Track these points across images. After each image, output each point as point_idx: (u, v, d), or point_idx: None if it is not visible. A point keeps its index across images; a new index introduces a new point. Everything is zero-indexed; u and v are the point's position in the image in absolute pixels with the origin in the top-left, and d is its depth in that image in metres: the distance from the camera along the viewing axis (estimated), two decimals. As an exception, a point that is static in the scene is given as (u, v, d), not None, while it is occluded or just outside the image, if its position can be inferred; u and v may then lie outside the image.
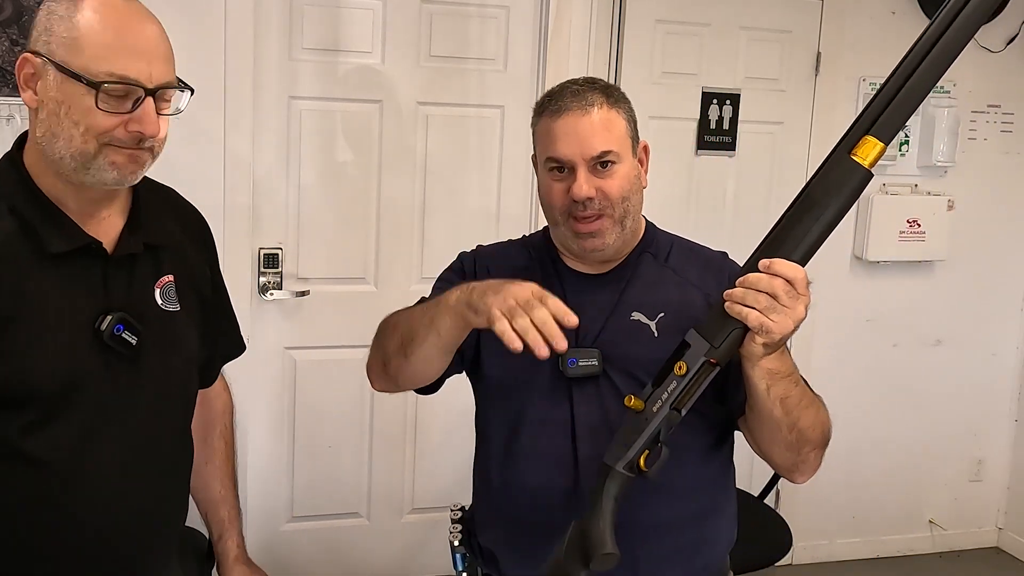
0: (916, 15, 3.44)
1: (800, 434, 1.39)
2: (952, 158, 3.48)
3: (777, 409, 1.36)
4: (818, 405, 1.42)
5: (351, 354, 3.11)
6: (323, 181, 3.01)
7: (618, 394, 1.46)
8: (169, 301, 1.40)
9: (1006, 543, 3.90)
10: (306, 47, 2.93)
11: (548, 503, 1.50)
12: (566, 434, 1.49)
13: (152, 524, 1.41)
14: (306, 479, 3.14)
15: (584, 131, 1.48)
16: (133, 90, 1.25)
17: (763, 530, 2.77)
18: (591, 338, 1.50)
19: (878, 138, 1.24)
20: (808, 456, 1.43)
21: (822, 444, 1.44)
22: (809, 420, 1.39)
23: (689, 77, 3.24)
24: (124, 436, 1.33)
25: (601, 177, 1.49)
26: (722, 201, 3.38)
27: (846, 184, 1.24)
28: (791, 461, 1.45)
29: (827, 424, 1.45)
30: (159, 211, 1.44)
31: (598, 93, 1.51)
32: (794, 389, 1.36)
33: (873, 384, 3.64)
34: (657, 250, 1.60)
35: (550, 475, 1.50)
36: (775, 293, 1.23)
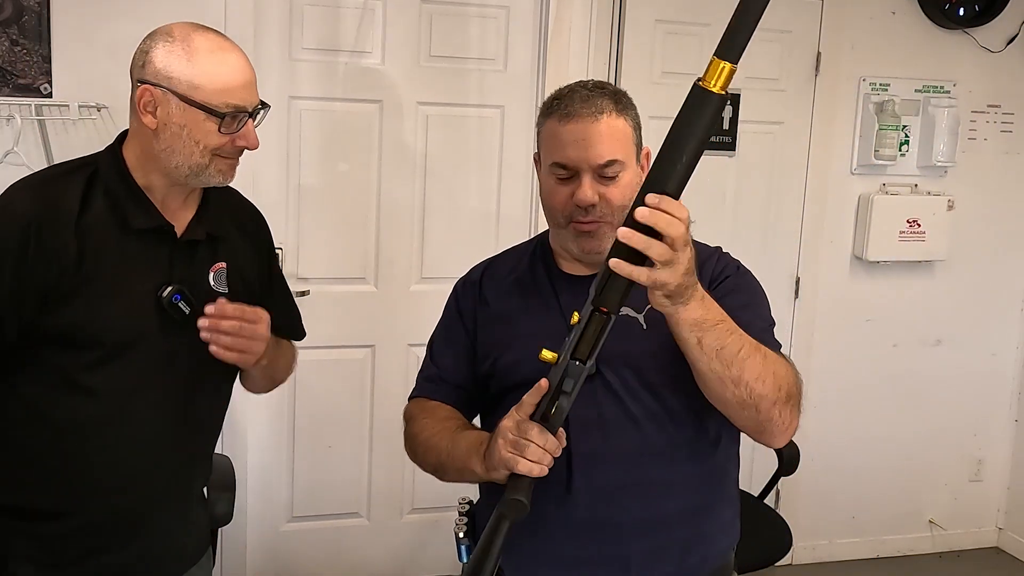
0: (916, 15, 3.44)
1: (748, 388, 1.33)
2: (952, 158, 3.48)
3: (715, 363, 1.31)
4: (765, 354, 1.35)
5: (351, 354, 3.13)
6: (323, 181, 3.01)
7: (613, 392, 1.48)
8: (220, 284, 1.64)
9: (1006, 543, 3.90)
10: (306, 47, 2.93)
11: (542, 498, 1.49)
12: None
13: (178, 469, 1.65)
14: (306, 479, 3.14)
15: (592, 138, 1.48)
16: (242, 114, 1.56)
17: (763, 530, 2.77)
18: None
19: (722, 59, 1.20)
20: (771, 414, 1.37)
21: (784, 399, 1.37)
22: (755, 371, 1.32)
23: (689, 77, 3.21)
24: (167, 387, 1.59)
25: (605, 184, 1.49)
26: (722, 201, 3.38)
27: (700, 112, 1.24)
28: (755, 421, 1.38)
29: (784, 375, 1.37)
30: (222, 208, 1.69)
31: (607, 99, 1.51)
32: (728, 338, 1.31)
33: (873, 384, 3.64)
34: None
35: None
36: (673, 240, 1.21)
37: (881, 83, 3.44)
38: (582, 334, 1.26)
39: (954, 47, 3.51)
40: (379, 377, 3.15)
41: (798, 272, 3.50)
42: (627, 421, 1.49)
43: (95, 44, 2.67)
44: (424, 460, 1.62)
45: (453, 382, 1.64)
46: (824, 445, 3.57)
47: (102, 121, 2.69)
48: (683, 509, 1.53)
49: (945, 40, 3.49)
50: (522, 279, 1.63)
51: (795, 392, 1.40)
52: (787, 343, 3.52)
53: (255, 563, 3.12)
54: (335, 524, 3.20)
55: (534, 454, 1.32)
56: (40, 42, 2.61)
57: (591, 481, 1.49)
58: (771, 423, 1.38)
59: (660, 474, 1.50)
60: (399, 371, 3.13)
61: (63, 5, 2.64)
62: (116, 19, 2.68)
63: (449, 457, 1.53)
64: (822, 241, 3.50)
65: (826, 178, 3.46)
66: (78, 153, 2.71)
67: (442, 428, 1.58)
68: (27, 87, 2.63)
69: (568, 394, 1.30)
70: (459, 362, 1.64)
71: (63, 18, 2.64)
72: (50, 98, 2.63)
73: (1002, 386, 3.82)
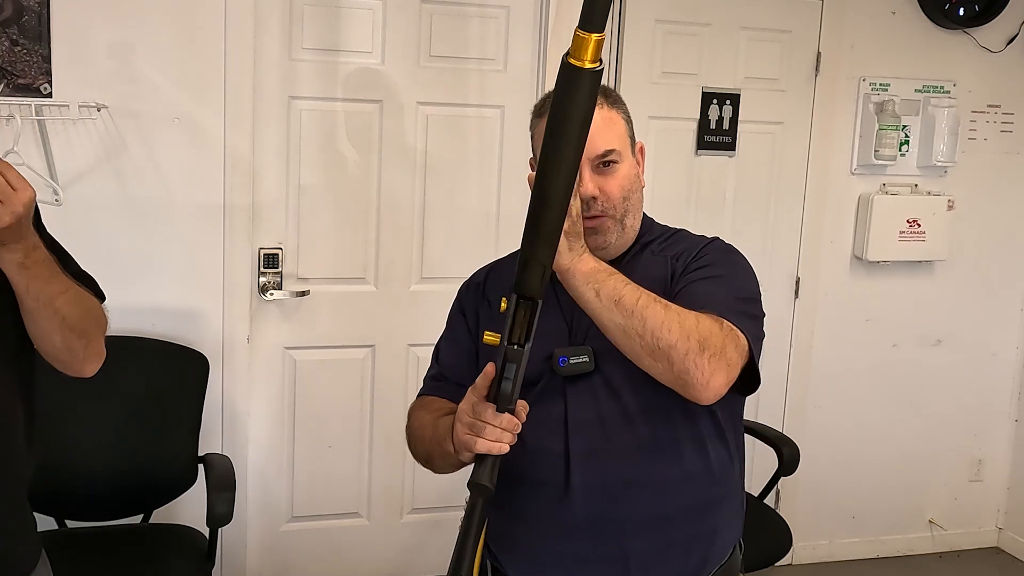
0: (916, 15, 3.44)
1: (654, 337, 1.32)
2: (952, 158, 3.48)
3: (615, 313, 1.33)
4: (667, 305, 1.36)
5: (351, 354, 3.13)
6: (323, 181, 3.01)
7: (611, 388, 1.48)
8: None
9: (1006, 543, 3.90)
10: (306, 47, 2.93)
11: (538, 496, 1.52)
12: (559, 431, 1.50)
13: None
14: (306, 479, 3.14)
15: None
16: None
17: (763, 530, 2.77)
18: (582, 335, 1.51)
19: (586, 31, 1.12)
20: (686, 364, 1.33)
21: (697, 348, 1.33)
22: (656, 319, 1.33)
23: (689, 77, 3.24)
24: None
25: (604, 177, 1.50)
26: (722, 201, 3.38)
27: (575, 90, 1.16)
28: (671, 372, 1.35)
29: (693, 326, 1.35)
30: None
31: (599, 94, 1.51)
32: (624, 288, 1.34)
33: (873, 384, 3.64)
34: (648, 242, 1.61)
35: (541, 470, 1.51)
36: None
37: (881, 83, 3.44)
38: (513, 321, 1.27)
39: (954, 47, 3.51)
40: (379, 377, 3.15)
41: (798, 272, 3.50)
42: (625, 417, 1.48)
43: (95, 44, 2.67)
44: (416, 451, 1.64)
45: (455, 380, 1.64)
46: (824, 445, 3.57)
47: (102, 121, 2.70)
48: (685, 506, 1.52)
49: (945, 40, 3.49)
50: None
51: (713, 344, 1.35)
52: (787, 343, 3.52)
53: (255, 563, 3.12)
54: (335, 524, 3.20)
55: (491, 434, 1.33)
56: (40, 42, 2.61)
57: (589, 479, 1.48)
58: (688, 374, 1.34)
59: (660, 471, 1.49)
60: (399, 371, 3.13)
61: (63, 5, 2.63)
62: (116, 19, 2.68)
63: (432, 442, 1.54)
64: (822, 241, 3.50)
65: (826, 178, 3.46)
66: (78, 153, 2.73)
67: (432, 418, 1.59)
68: (27, 87, 2.63)
69: (510, 379, 1.31)
70: (461, 361, 1.64)
71: (63, 18, 2.64)
72: (50, 98, 2.63)
73: (1002, 386, 3.82)
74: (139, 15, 2.71)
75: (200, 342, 2.82)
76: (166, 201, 2.80)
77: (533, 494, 1.53)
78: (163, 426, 2.63)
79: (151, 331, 2.78)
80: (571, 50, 1.13)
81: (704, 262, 1.53)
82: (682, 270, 1.53)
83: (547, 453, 1.51)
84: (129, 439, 2.49)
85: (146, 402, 2.63)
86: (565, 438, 1.50)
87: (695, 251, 1.56)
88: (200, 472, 2.64)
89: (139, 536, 2.60)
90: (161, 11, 2.73)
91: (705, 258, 1.54)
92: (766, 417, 3.34)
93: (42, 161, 2.63)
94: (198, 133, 2.79)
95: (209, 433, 2.82)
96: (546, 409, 1.50)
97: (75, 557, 1.80)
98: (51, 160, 2.65)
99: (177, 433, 2.66)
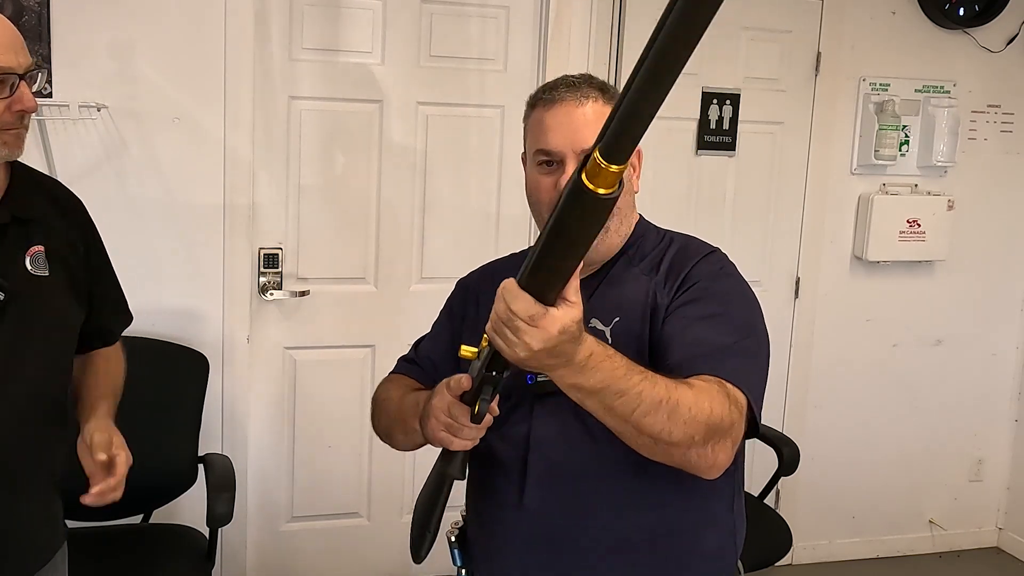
0: (916, 15, 3.44)
1: (653, 439, 1.25)
2: (952, 158, 3.48)
3: (606, 418, 1.24)
4: (674, 407, 1.23)
5: (351, 354, 3.13)
6: (323, 181, 3.01)
7: (576, 408, 1.34)
8: (38, 267, 1.59)
9: (1006, 543, 3.90)
10: (306, 47, 2.93)
11: (500, 509, 1.50)
12: (522, 446, 1.47)
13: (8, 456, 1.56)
14: (306, 479, 3.14)
15: (577, 123, 1.42)
16: (9, 77, 1.46)
17: (763, 530, 2.77)
18: None
19: (609, 161, 0.97)
20: (688, 457, 1.28)
21: (701, 442, 1.26)
22: (656, 426, 1.22)
23: (689, 77, 3.24)
24: None
25: None
26: (722, 201, 3.38)
27: (581, 214, 1.02)
28: (671, 462, 1.30)
29: (702, 417, 1.24)
30: (31, 191, 1.63)
31: (594, 88, 1.46)
32: (617, 401, 1.20)
33: (873, 384, 3.64)
34: (637, 251, 1.51)
35: (501, 484, 1.49)
36: (500, 324, 1.13)
37: (881, 83, 3.44)
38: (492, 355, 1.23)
39: (954, 47, 3.51)
40: (379, 377, 3.07)
41: (798, 272, 3.50)
42: (590, 437, 1.41)
43: (95, 44, 2.67)
44: (378, 424, 1.66)
45: (427, 368, 1.65)
46: (824, 445, 3.57)
47: (102, 121, 2.70)
48: (650, 531, 1.44)
49: (945, 40, 3.49)
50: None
51: (720, 428, 1.27)
52: (787, 343, 3.52)
53: (255, 563, 3.12)
54: (335, 524, 3.20)
55: (467, 435, 1.35)
56: (40, 42, 2.61)
57: (547, 497, 1.45)
58: (689, 465, 1.30)
59: (624, 492, 1.43)
60: (399, 371, 3.14)
61: (63, 5, 2.63)
62: (116, 19, 2.68)
63: (396, 416, 1.55)
64: (822, 241, 3.50)
65: (826, 178, 3.46)
66: (78, 153, 2.73)
67: (399, 395, 1.59)
68: (27, 87, 2.63)
69: (487, 400, 1.32)
70: (437, 357, 1.65)
71: (63, 18, 2.64)
72: (50, 98, 2.63)
73: (1002, 386, 3.82)
74: (139, 15, 2.71)
75: (200, 342, 2.82)
76: (166, 201, 2.80)
77: (496, 506, 1.52)
78: (163, 426, 2.63)
79: (151, 331, 2.78)
80: (587, 172, 0.99)
81: (696, 293, 1.43)
82: (670, 299, 1.43)
83: (507, 468, 1.48)
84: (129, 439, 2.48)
85: (146, 402, 2.61)
86: (525, 455, 1.46)
87: (684, 272, 1.45)
88: (200, 472, 2.64)
89: (139, 536, 2.60)
90: (161, 11, 2.73)
91: (697, 287, 1.43)
92: (766, 417, 3.31)
93: (42, 161, 2.62)
94: (198, 133, 2.79)
95: (209, 433, 2.82)
96: (512, 424, 1.47)
97: (75, 557, 1.81)
98: (51, 160, 2.65)
99: (177, 433, 2.66)
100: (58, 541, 1.72)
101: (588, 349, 1.17)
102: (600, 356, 1.19)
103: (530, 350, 1.11)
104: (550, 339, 1.10)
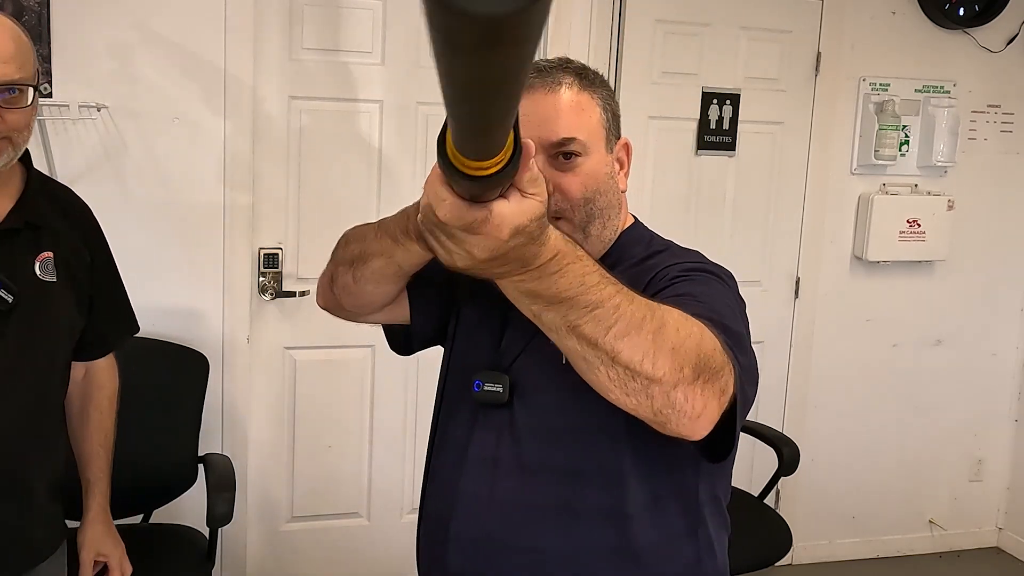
0: (916, 15, 3.44)
1: (630, 371, 0.96)
2: (952, 158, 3.48)
3: (573, 343, 0.97)
4: (660, 326, 0.97)
5: (351, 354, 3.13)
6: (323, 181, 3.01)
7: (515, 432, 1.25)
8: (47, 273, 1.63)
9: (1006, 543, 3.90)
10: (306, 47, 2.93)
11: (430, 532, 1.38)
12: (459, 461, 1.32)
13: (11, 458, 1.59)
14: (306, 479, 3.14)
15: (545, 112, 1.23)
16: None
17: (763, 530, 2.77)
18: (507, 362, 1.29)
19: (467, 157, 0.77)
20: (673, 398, 0.97)
21: (690, 378, 0.98)
22: (638, 352, 0.95)
23: (689, 77, 3.24)
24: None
25: (562, 171, 1.23)
26: (722, 201, 3.38)
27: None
28: (648, 408, 0.99)
29: (692, 348, 0.99)
30: (44, 200, 1.67)
31: (569, 73, 1.26)
32: (586, 316, 0.94)
33: (873, 384, 3.64)
34: (616, 259, 1.30)
35: (438, 501, 1.37)
36: (431, 226, 0.88)
37: (881, 83, 3.44)
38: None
39: (954, 47, 3.51)
40: (379, 377, 3.15)
41: (798, 272, 3.50)
42: (520, 469, 1.26)
43: (95, 44, 2.67)
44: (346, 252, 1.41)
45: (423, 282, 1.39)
46: (824, 445, 3.57)
47: (102, 121, 2.70)
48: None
49: (945, 40, 3.49)
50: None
51: (711, 365, 1.00)
52: (787, 343, 3.52)
53: (255, 563, 3.12)
54: (335, 524, 3.20)
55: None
56: (40, 42, 2.60)
57: (468, 530, 1.29)
58: (672, 410, 0.98)
59: (544, 539, 1.24)
60: (399, 371, 3.13)
61: (63, 5, 2.63)
62: (116, 19, 2.68)
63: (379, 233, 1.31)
64: (822, 241, 3.50)
65: (826, 178, 3.46)
66: (78, 153, 2.73)
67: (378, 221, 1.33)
68: (27, 87, 2.63)
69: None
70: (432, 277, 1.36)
71: (63, 18, 2.64)
72: (50, 98, 2.63)
73: (1002, 386, 3.82)
74: (139, 15, 2.71)
75: (200, 342, 2.82)
76: (166, 201, 2.80)
77: (426, 528, 1.40)
78: (163, 426, 2.63)
79: (151, 331, 2.78)
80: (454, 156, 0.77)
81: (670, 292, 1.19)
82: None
83: (445, 484, 1.35)
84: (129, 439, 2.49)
85: (146, 402, 2.62)
86: (460, 471, 1.31)
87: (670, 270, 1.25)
88: (200, 472, 2.64)
89: (139, 536, 2.59)
90: (161, 11, 2.73)
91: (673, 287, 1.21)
92: (766, 417, 3.34)
93: (42, 161, 2.62)
94: (198, 133, 2.79)
95: (209, 433, 2.82)
96: (455, 433, 1.35)
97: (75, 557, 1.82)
98: (51, 160, 2.65)
99: (177, 433, 2.66)
100: (57, 540, 1.75)
101: (552, 249, 0.91)
102: (568, 256, 0.93)
103: (472, 259, 0.87)
104: (499, 246, 0.85)
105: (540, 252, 0.89)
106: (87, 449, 1.88)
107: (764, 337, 3.46)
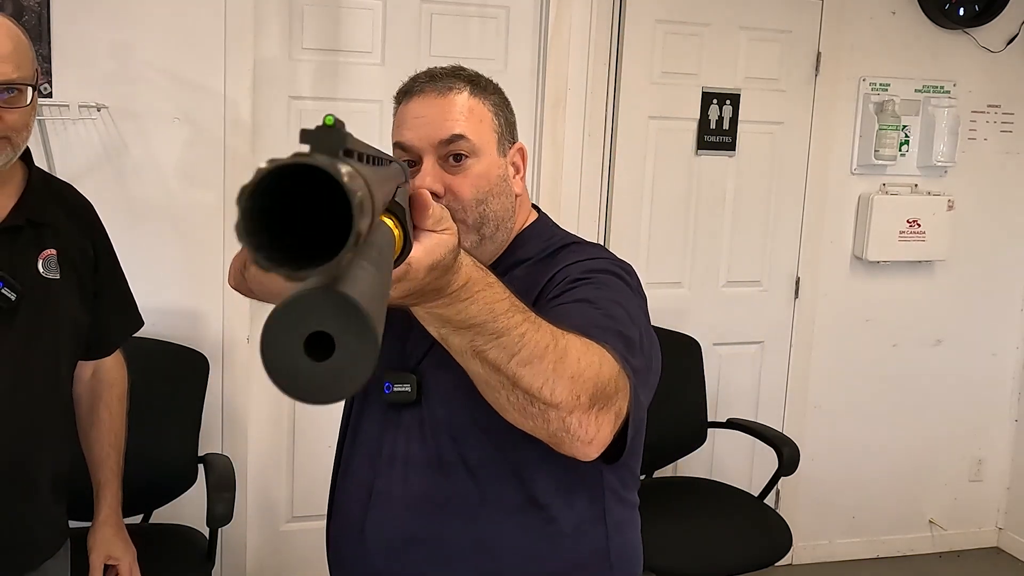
0: (916, 15, 3.44)
1: (529, 397, 0.99)
2: (952, 158, 3.48)
3: (477, 367, 0.99)
4: (562, 355, 0.99)
5: (351, 354, 3.13)
6: (323, 181, 3.01)
7: (423, 430, 1.27)
8: (50, 270, 1.63)
9: (1006, 543, 3.90)
10: (306, 47, 2.93)
11: (343, 540, 1.38)
12: (372, 462, 1.34)
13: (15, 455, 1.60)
14: (306, 479, 3.14)
15: (435, 114, 1.27)
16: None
17: (763, 530, 2.77)
18: (414, 362, 1.30)
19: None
20: (568, 423, 1.01)
21: (586, 405, 1.01)
22: (538, 380, 0.98)
23: (689, 77, 3.24)
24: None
25: (452, 173, 1.25)
26: (722, 201, 3.37)
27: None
28: (544, 432, 1.03)
29: (591, 375, 1.01)
30: (46, 198, 1.67)
31: (461, 80, 1.32)
32: (492, 343, 0.95)
33: (873, 384, 3.64)
34: (515, 257, 1.32)
35: (352, 500, 1.37)
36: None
37: (881, 83, 3.44)
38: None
39: (954, 47, 3.51)
40: (379, 377, 3.15)
41: (798, 272, 3.50)
42: (431, 466, 1.28)
43: (95, 44, 2.67)
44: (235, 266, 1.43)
45: None
46: (824, 445, 3.57)
47: (102, 121, 2.70)
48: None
49: (945, 40, 3.49)
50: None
51: (607, 392, 1.03)
52: (787, 343, 3.52)
53: (255, 563, 3.12)
54: (335, 524, 3.20)
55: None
56: (40, 42, 2.61)
57: (383, 529, 1.31)
58: (567, 434, 1.02)
59: (452, 532, 1.26)
60: (399, 371, 3.13)
61: (63, 5, 2.64)
62: (116, 19, 2.68)
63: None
64: (822, 241, 3.50)
65: (826, 178, 3.46)
66: (78, 153, 2.73)
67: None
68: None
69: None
70: None
71: (63, 18, 2.64)
72: (50, 98, 2.63)
73: (1002, 386, 3.82)
74: (139, 15, 2.71)
75: (200, 342, 2.82)
76: (166, 201, 2.80)
77: (339, 525, 1.41)
78: (163, 426, 2.63)
79: (151, 331, 2.76)
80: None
81: (580, 285, 1.21)
82: (549, 298, 1.22)
83: (358, 484, 1.36)
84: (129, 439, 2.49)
85: (146, 402, 2.61)
86: (373, 471, 1.33)
87: (553, 282, 1.24)
88: (200, 472, 2.64)
89: (139, 536, 2.58)
90: (161, 11, 2.73)
91: (569, 293, 1.21)
92: (766, 417, 3.34)
93: (42, 161, 2.62)
94: (198, 133, 2.79)
95: (209, 433, 2.82)
96: (367, 435, 1.37)
97: (75, 558, 1.82)
98: (51, 160, 2.65)
99: (177, 433, 2.66)
100: (60, 540, 1.75)
101: (464, 276, 0.92)
102: (478, 283, 0.94)
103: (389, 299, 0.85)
104: (415, 286, 0.86)
105: (453, 280, 0.91)
106: (98, 451, 1.88)
107: (764, 337, 3.46)
